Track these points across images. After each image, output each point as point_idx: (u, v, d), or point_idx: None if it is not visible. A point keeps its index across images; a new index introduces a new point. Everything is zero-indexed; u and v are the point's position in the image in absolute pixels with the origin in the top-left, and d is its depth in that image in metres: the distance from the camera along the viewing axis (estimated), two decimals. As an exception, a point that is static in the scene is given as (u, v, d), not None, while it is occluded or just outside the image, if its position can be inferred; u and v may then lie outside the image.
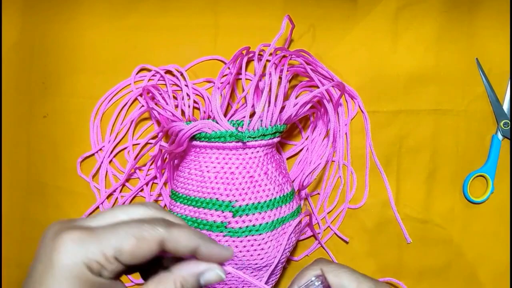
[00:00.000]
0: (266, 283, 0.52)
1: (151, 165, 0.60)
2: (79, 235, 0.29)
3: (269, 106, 0.49)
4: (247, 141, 0.49)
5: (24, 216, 0.60)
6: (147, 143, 0.60)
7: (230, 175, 0.50)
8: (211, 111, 0.57)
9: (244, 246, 0.49)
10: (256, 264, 0.49)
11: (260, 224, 0.49)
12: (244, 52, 0.56)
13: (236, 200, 0.49)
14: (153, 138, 0.60)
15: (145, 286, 0.31)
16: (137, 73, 0.60)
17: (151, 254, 0.30)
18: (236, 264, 0.49)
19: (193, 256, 0.32)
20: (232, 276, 0.50)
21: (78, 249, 0.28)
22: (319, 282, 0.40)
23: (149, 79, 0.60)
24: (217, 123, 0.49)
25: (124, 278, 0.59)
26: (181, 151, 0.51)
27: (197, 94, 0.59)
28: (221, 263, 0.33)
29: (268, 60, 0.53)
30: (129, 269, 0.32)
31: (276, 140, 0.51)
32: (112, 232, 0.30)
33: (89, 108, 0.60)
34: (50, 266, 0.28)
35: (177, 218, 0.34)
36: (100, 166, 0.60)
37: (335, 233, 0.60)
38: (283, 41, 0.59)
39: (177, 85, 0.59)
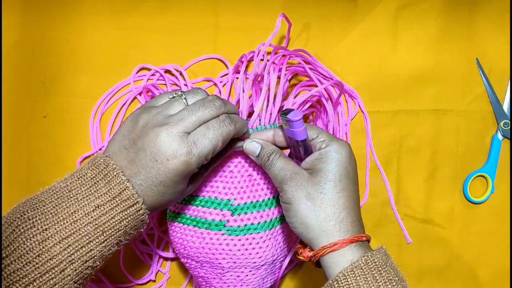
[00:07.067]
0: (264, 282, 0.52)
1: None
2: (190, 148, 0.41)
3: (267, 105, 0.49)
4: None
5: (24, 216, 0.60)
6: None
7: (229, 174, 0.50)
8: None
9: (243, 245, 0.49)
10: (255, 262, 0.49)
11: (259, 223, 0.49)
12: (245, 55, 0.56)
13: (235, 199, 0.49)
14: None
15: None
16: (136, 73, 0.60)
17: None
18: (234, 262, 0.49)
19: None
20: (231, 275, 0.50)
21: (191, 159, 0.41)
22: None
23: (148, 79, 0.60)
24: None
25: (124, 277, 0.59)
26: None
27: (196, 94, 0.59)
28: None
29: (267, 60, 0.53)
30: None
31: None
32: (208, 140, 0.42)
33: (89, 108, 0.60)
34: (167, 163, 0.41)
35: (231, 107, 0.46)
36: (100, 166, 0.60)
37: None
38: (282, 41, 0.59)
39: (177, 85, 0.59)
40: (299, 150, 0.45)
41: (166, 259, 0.60)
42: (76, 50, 0.60)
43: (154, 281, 0.60)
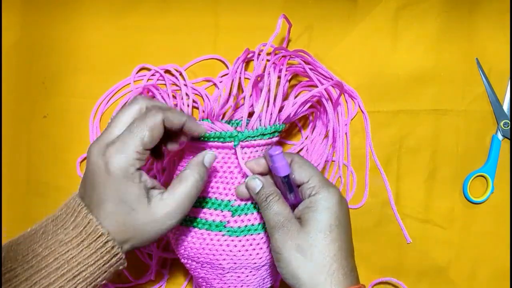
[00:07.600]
0: (265, 283, 0.52)
1: (151, 164, 0.60)
2: (116, 147, 0.40)
3: (268, 105, 0.49)
4: (246, 140, 0.48)
5: (24, 216, 0.60)
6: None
7: (229, 175, 0.50)
8: (210, 110, 0.57)
9: (243, 246, 0.49)
10: (255, 263, 0.49)
11: (259, 224, 0.49)
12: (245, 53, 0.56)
13: (235, 199, 0.49)
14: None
15: (172, 184, 0.43)
16: (136, 73, 0.60)
17: (161, 133, 0.42)
18: (235, 263, 0.49)
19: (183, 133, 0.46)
20: (231, 276, 0.50)
21: (121, 156, 0.40)
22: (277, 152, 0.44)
23: (148, 79, 0.60)
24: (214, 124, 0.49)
25: (124, 278, 0.59)
26: (179, 150, 0.51)
27: (196, 94, 0.59)
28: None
29: (267, 60, 0.53)
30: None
31: (275, 139, 0.51)
32: (132, 133, 0.40)
33: (89, 108, 0.60)
34: (107, 174, 0.40)
35: (163, 104, 0.45)
36: (100, 166, 0.60)
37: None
38: (282, 41, 0.59)
39: (176, 85, 0.59)
40: (284, 189, 0.45)
41: (166, 259, 0.60)
42: (76, 50, 0.60)
43: (154, 281, 0.60)
